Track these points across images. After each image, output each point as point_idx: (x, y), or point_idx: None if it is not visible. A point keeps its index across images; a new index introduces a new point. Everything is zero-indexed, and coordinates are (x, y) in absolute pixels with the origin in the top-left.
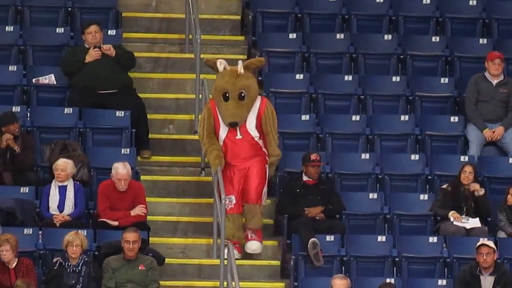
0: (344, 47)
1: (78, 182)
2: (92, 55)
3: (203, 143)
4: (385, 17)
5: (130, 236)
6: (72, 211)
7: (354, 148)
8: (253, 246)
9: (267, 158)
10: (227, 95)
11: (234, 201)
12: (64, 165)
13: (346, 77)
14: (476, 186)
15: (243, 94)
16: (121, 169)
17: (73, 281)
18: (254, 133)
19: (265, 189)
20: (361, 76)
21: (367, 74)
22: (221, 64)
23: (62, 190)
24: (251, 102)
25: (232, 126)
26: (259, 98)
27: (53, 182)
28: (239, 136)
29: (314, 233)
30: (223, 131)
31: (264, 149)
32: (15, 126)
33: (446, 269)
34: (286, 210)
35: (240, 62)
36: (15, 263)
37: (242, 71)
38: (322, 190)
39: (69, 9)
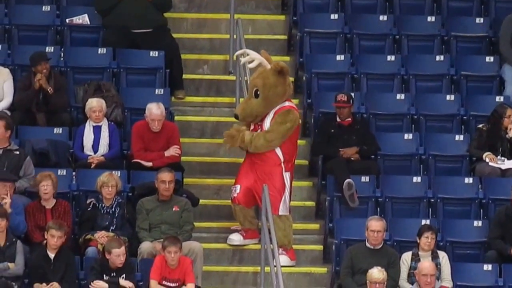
0: None
1: (112, 123)
2: None
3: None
4: None
5: (166, 176)
6: (106, 151)
7: (389, 89)
8: (281, 258)
9: (283, 165)
10: None
11: (237, 191)
12: (100, 105)
13: (381, 17)
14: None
15: (258, 92)
16: (154, 110)
17: (107, 223)
18: None
19: (283, 200)
20: (396, 16)
21: (402, 14)
22: (254, 62)
23: (97, 130)
24: (262, 102)
25: (235, 117)
26: (283, 104)
27: (87, 122)
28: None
29: (349, 174)
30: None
31: (281, 157)
32: (43, 66)
33: (481, 210)
34: (321, 150)
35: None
36: (53, 204)
37: (267, 67)
38: (357, 130)
39: None
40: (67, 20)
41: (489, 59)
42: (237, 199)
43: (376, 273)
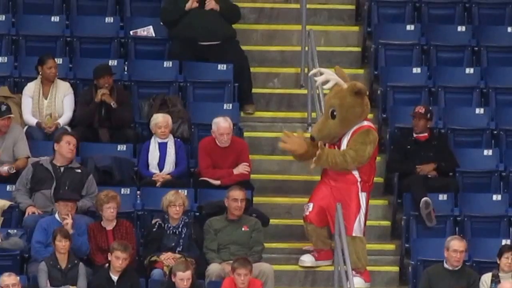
0: None
1: (179, 140)
2: (191, 3)
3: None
4: None
5: (238, 194)
6: (172, 169)
7: (468, 102)
8: (355, 280)
9: (359, 185)
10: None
11: (310, 209)
12: (166, 121)
13: (459, 28)
14: None
15: (334, 113)
16: (222, 122)
17: (173, 243)
18: None
19: (358, 221)
20: (475, 26)
21: (481, 24)
22: (330, 82)
23: (163, 147)
24: (340, 123)
25: (311, 139)
26: (362, 124)
27: (152, 139)
28: None
29: (426, 192)
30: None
31: (357, 177)
32: (106, 79)
33: None
34: (397, 167)
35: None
36: (114, 224)
37: (343, 87)
38: (434, 146)
39: None
40: (131, 32)
41: None
42: (309, 217)
43: None
